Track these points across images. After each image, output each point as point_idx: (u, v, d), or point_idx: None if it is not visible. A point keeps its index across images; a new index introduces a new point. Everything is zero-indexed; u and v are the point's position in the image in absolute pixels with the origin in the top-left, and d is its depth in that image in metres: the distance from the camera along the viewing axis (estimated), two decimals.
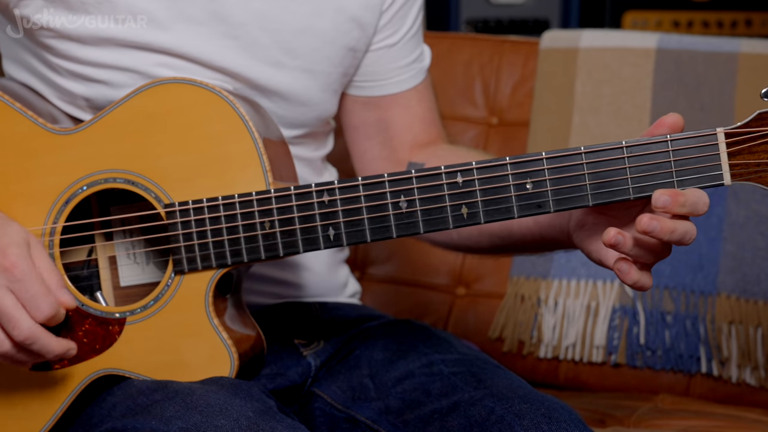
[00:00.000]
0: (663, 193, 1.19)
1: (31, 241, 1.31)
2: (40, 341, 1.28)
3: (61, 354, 1.30)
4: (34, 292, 1.27)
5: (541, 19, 3.29)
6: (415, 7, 1.62)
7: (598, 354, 2.08)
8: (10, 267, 1.27)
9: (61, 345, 1.30)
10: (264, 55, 1.48)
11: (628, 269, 1.23)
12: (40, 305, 1.27)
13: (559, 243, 1.40)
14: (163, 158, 1.35)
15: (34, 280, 1.28)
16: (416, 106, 1.64)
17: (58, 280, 1.30)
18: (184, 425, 1.23)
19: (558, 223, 1.37)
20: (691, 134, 1.21)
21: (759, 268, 2.03)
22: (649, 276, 1.24)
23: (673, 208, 1.18)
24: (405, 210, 1.29)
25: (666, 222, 1.18)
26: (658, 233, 1.19)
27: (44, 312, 1.28)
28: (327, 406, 1.49)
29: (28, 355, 1.30)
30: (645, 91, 2.14)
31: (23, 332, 1.27)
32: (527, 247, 1.49)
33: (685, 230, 1.20)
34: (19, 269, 1.27)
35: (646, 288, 1.24)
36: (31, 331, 1.27)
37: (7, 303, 1.26)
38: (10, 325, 1.27)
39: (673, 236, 1.19)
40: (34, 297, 1.27)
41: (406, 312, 2.18)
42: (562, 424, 1.28)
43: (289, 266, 1.61)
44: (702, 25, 3.19)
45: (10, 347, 1.28)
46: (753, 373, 2.02)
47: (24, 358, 1.30)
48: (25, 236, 1.31)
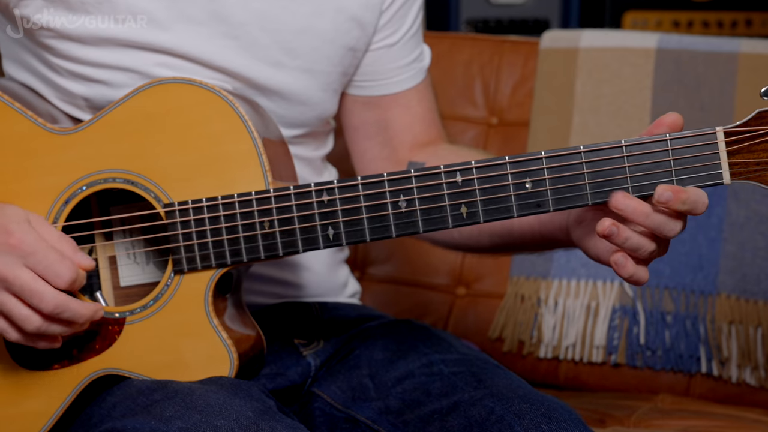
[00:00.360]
0: (666, 189, 1.19)
1: (31, 217, 1.31)
2: (69, 308, 1.27)
3: (90, 316, 1.30)
4: (49, 260, 1.27)
5: (541, 19, 3.29)
6: (415, 7, 1.62)
7: (598, 354, 2.08)
8: (18, 243, 1.27)
9: (89, 307, 1.30)
10: (264, 54, 1.48)
11: (624, 262, 1.23)
12: (59, 271, 1.27)
13: (557, 240, 1.40)
14: (162, 158, 1.35)
15: (45, 250, 1.27)
16: (416, 105, 1.64)
17: (70, 245, 1.30)
18: (183, 425, 1.23)
19: (557, 220, 1.38)
20: (690, 133, 1.21)
21: (759, 268, 2.03)
22: (646, 270, 1.25)
23: (675, 204, 1.19)
24: (404, 209, 1.29)
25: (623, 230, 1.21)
26: (614, 238, 1.21)
27: (64, 277, 1.27)
28: (327, 406, 1.49)
29: (60, 326, 1.29)
30: (645, 91, 2.14)
31: (50, 302, 1.26)
32: (527, 246, 1.49)
33: (640, 243, 1.22)
34: (26, 243, 1.27)
35: (641, 282, 1.25)
36: (57, 300, 1.26)
37: (26, 278, 1.26)
38: (35, 299, 1.26)
39: (626, 243, 1.22)
40: (50, 266, 1.27)
41: (406, 312, 2.18)
42: (562, 424, 1.28)
43: (289, 266, 1.61)
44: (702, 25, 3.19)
45: (41, 321, 1.28)
46: (753, 373, 2.02)
47: (57, 329, 1.29)
48: (23, 214, 1.30)
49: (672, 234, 1.22)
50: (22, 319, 1.27)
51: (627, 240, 1.22)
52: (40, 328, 1.28)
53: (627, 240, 1.22)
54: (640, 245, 1.22)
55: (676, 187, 1.19)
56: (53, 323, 1.29)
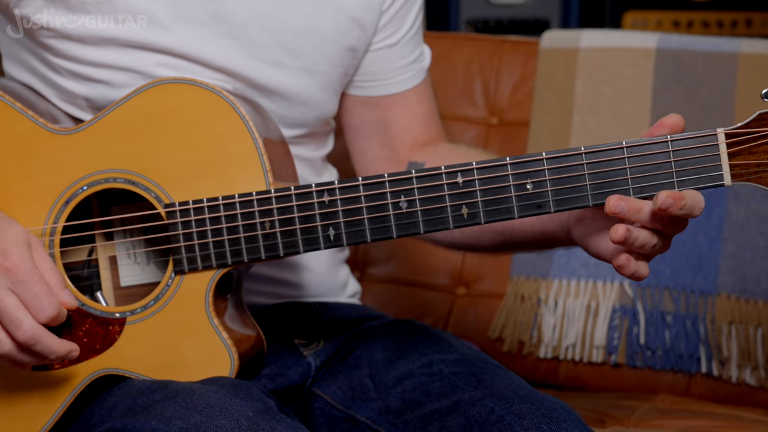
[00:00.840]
0: (668, 196, 1.19)
1: (32, 241, 1.31)
2: (42, 342, 1.28)
3: (63, 355, 1.30)
4: (36, 292, 1.27)
5: (541, 19, 3.29)
6: (415, 7, 1.62)
7: (598, 354, 2.08)
8: (12, 268, 1.27)
9: (64, 346, 1.30)
10: (264, 55, 1.48)
11: (627, 263, 1.24)
12: (43, 306, 1.27)
13: (558, 239, 1.40)
14: (163, 158, 1.35)
15: (36, 281, 1.28)
16: (416, 106, 1.64)
17: (59, 280, 1.30)
18: (184, 425, 1.23)
19: (558, 218, 1.38)
20: (691, 134, 1.21)
21: (759, 268, 2.03)
22: (646, 266, 1.25)
23: (674, 210, 1.19)
24: (405, 210, 1.29)
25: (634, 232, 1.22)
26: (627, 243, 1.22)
27: (47, 312, 1.28)
28: (327, 406, 1.49)
29: (30, 356, 1.30)
30: (645, 91, 2.14)
31: (26, 333, 1.27)
32: (527, 244, 1.49)
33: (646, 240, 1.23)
34: (21, 270, 1.27)
35: (643, 277, 1.25)
36: (33, 332, 1.27)
37: (9, 303, 1.26)
38: (12, 326, 1.27)
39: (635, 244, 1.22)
40: (36, 297, 1.27)
41: (406, 312, 2.18)
42: (562, 424, 1.28)
43: (290, 266, 1.61)
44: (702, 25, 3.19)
45: (12, 348, 1.28)
46: (753, 373, 2.02)
47: (26, 359, 1.30)
48: (26, 237, 1.31)
49: (677, 230, 1.22)
50: None
51: (636, 240, 1.22)
52: (9, 353, 1.29)
53: (636, 240, 1.22)
54: (646, 241, 1.23)
55: (676, 193, 1.19)
56: (23, 353, 1.29)
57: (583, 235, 1.33)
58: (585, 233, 1.32)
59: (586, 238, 1.32)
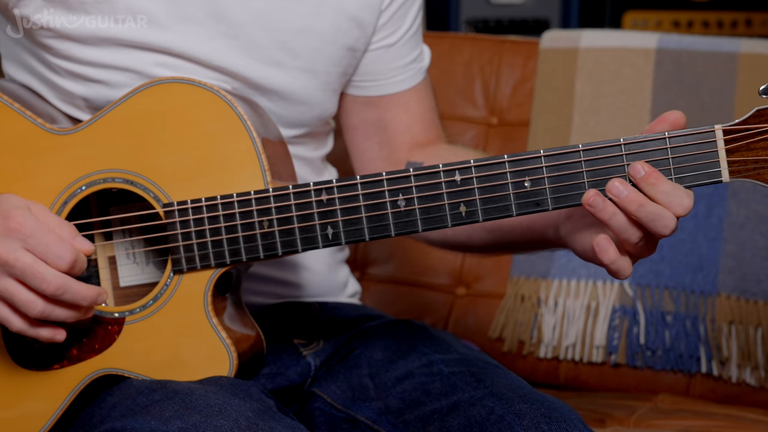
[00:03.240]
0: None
1: (31, 204, 1.31)
2: (71, 288, 1.27)
3: (94, 299, 1.29)
4: (49, 242, 1.26)
5: (541, 19, 3.29)
6: (415, 7, 1.62)
7: (598, 354, 2.08)
8: (17, 227, 1.26)
9: (92, 290, 1.29)
10: (263, 54, 1.48)
11: (606, 246, 1.23)
12: (60, 253, 1.26)
13: (545, 238, 1.40)
14: (161, 158, 1.35)
15: (45, 232, 1.27)
16: (415, 106, 1.64)
17: (70, 229, 1.30)
18: (183, 425, 1.23)
19: (548, 215, 1.37)
20: (689, 131, 1.21)
21: (759, 268, 2.03)
22: (629, 263, 1.24)
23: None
24: (403, 208, 1.29)
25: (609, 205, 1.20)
26: (598, 211, 1.21)
27: (65, 258, 1.27)
28: (327, 406, 1.49)
29: (63, 309, 1.28)
30: (645, 91, 2.14)
31: (52, 283, 1.25)
32: (516, 243, 1.48)
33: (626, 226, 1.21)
34: (26, 227, 1.26)
35: (622, 274, 1.24)
36: (59, 280, 1.26)
37: (26, 261, 1.25)
38: (37, 281, 1.25)
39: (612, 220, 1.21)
40: (50, 247, 1.26)
41: (406, 312, 2.18)
42: (562, 424, 1.28)
43: (289, 266, 1.61)
44: (702, 25, 3.19)
45: (44, 305, 1.27)
46: (753, 373, 2.02)
47: (61, 313, 1.28)
48: (23, 201, 1.30)
49: (665, 230, 1.21)
50: (25, 304, 1.27)
51: (613, 216, 1.21)
52: (44, 311, 1.27)
53: (613, 216, 1.21)
54: (626, 228, 1.21)
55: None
56: (56, 306, 1.28)
57: (571, 231, 1.33)
58: (572, 231, 1.32)
59: (573, 236, 1.32)
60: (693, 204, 1.21)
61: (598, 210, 1.21)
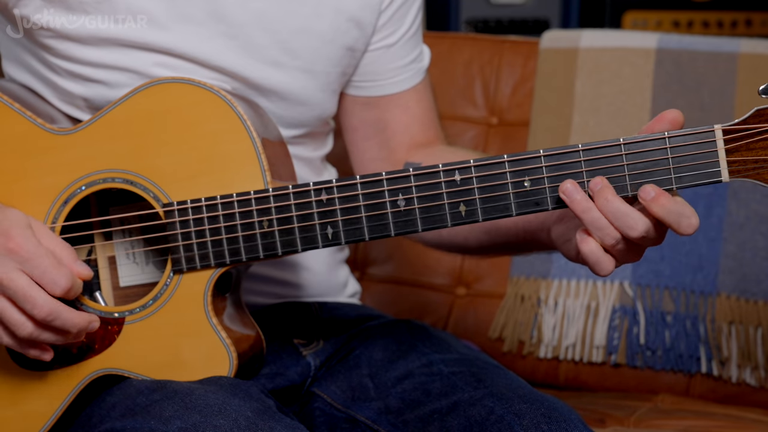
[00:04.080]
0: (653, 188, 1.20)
1: (33, 222, 1.31)
2: (61, 316, 1.27)
3: (84, 327, 1.29)
4: (46, 266, 1.26)
5: (541, 19, 3.29)
6: (414, 7, 1.62)
7: (598, 354, 2.08)
8: (16, 248, 1.26)
9: (84, 317, 1.29)
10: (263, 55, 1.48)
11: (586, 237, 1.22)
12: (56, 279, 1.26)
13: (537, 239, 1.39)
14: (161, 158, 1.35)
15: (43, 256, 1.27)
16: (415, 106, 1.64)
17: (70, 253, 1.30)
18: (183, 425, 1.23)
19: (541, 215, 1.37)
20: (688, 131, 1.21)
21: (759, 268, 2.03)
22: (611, 260, 1.22)
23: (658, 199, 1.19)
24: (403, 208, 1.29)
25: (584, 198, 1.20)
26: (572, 202, 1.20)
27: (61, 284, 1.27)
28: (327, 406, 1.49)
29: (51, 333, 1.28)
30: (645, 91, 2.14)
31: (43, 309, 1.25)
32: (510, 244, 1.47)
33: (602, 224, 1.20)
34: (25, 249, 1.26)
35: (601, 270, 1.22)
36: (50, 307, 1.26)
37: (21, 283, 1.25)
38: (29, 305, 1.25)
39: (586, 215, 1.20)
40: (46, 272, 1.26)
41: (406, 312, 2.18)
42: (562, 424, 1.28)
43: (289, 266, 1.61)
44: (702, 25, 3.19)
45: (33, 328, 1.27)
46: (753, 373, 2.02)
47: (49, 338, 1.29)
48: (25, 219, 1.30)
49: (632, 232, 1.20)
50: (15, 325, 1.27)
51: (587, 211, 1.20)
52: (32, 334, 1.28)
53: (587, 211, 1.20)
54: (600, 225, 1.20)
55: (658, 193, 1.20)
56: (45, 330, 1.28)
57: (563, 233, 1.32)
58: (564, 231, 1.32)
59: (563, 236, 1.32)
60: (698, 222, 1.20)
61: (571, 200, 1.21)
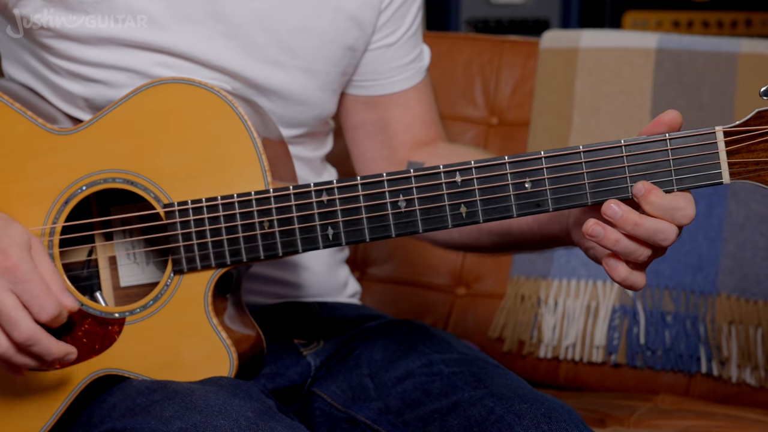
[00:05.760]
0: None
1: (33, 242, 1.31)
2: (40, 343, 1.28)
3: (60, 357, 1.30)
4: (37, 292, 1.27)
5: (541, 19, 3.29)
6: (414, 7, 1.62)
7: (598, 354, 2.08)
8: (12, 268, 1.27)
9: (61, 348, 1.30)
10: (263, 54, 1.48)
11: (615, 265, 1.23)
12: (44, 305, 1.27)
13: (558, 240, 1.40)
14: (162, 158, 1.35)
15: (36, 281, 1.27)
16: (415, 105, 1.64)
17: (59, 282, 1.30)
18: (183, 425, 1.23)
19: (557, 220, 1.37)
20: (689, 133, 1.21)
21: (759, 268, 2.03)
22: (642, 275, 1.24)
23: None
24: (404, 209, 1.29)
25: (611, 232, 1.20)
26: (601, 240, 1.20)
27: (48, 312, 1.27)
28: (327, 406, 1.49)
29: (27, 357, 1.30)
30: (645, 91, 2.14)
31: (23, 333, 1.26)
32: (527, 245, 1.48)
33: (633, 248, 1.21)
34: (21, 270, 1.27)
35: (636, 287, 1.24)
36: (31, 332, 1.27)
37: (8, 304, 1.26)
38: (10, 326, 1.26)
39: (617, 246, 1.20)
40: (36, 297, 1.27)
41: (406, 312, 2.18)
42: (562, 424, 1.28)
43: (289, 266, 1.61)
44: (702, 25, 3.19)
45: (9, 348, 1.28)
46: (753, 373, 2.02)
47: (23, 361, 1.30)
48: (26, 238, 1.30)
49: (666, 242, 1.20)
50: None
51: (617, 243, 1.21)
52: (5, 353, 1.28)
53: (617, 243, 1.21)
54: (633, 250, 1.21)
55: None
56: (21, 353, 1.29)
57: (583, 238, 1.32)
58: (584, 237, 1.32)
59: (586, 241, 1.32)
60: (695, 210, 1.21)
61: (600, 239, 1.21)
